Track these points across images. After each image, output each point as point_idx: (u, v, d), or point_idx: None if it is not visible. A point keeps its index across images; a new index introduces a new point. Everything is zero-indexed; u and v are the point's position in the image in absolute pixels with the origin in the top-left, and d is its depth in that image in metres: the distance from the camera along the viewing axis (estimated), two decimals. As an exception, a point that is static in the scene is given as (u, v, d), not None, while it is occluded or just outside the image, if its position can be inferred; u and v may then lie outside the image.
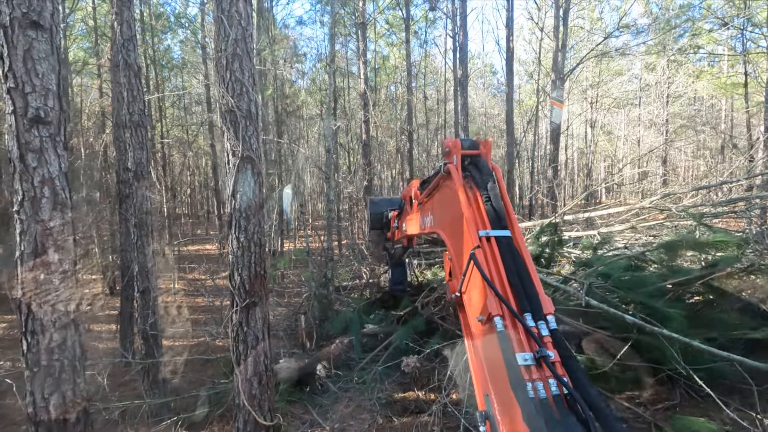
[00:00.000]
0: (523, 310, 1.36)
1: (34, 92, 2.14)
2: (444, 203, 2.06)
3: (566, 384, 1.15)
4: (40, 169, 2.16)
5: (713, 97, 20.49)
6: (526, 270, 1.48)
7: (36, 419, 2.18)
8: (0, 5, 2.10)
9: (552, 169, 12.24)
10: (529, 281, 1.44)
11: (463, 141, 1.89)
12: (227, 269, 3.26)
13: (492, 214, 1.66)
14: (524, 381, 1.18)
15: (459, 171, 1.83)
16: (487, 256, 1.52)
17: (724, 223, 6.24)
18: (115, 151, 6.65)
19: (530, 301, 1.38)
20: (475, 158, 1.88)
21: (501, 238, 1.57)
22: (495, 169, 1.82)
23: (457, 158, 1.86)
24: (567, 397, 1.16)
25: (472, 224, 1.61)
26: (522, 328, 1.30)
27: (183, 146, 18.81)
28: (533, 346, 1.26)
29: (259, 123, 3.20)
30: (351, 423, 3.82)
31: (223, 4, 2.93)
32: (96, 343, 6.56)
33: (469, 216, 1.65)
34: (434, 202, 2.30)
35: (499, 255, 1.52)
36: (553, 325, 1.33)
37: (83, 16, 13.56)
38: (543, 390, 1.17)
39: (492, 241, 1.56)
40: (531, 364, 1.22)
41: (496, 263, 1.50)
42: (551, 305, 1.39)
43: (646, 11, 16.94)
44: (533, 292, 1.41)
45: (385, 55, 18.15)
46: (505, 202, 1.69)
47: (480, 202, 1.71)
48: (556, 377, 1.17)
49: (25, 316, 2.16)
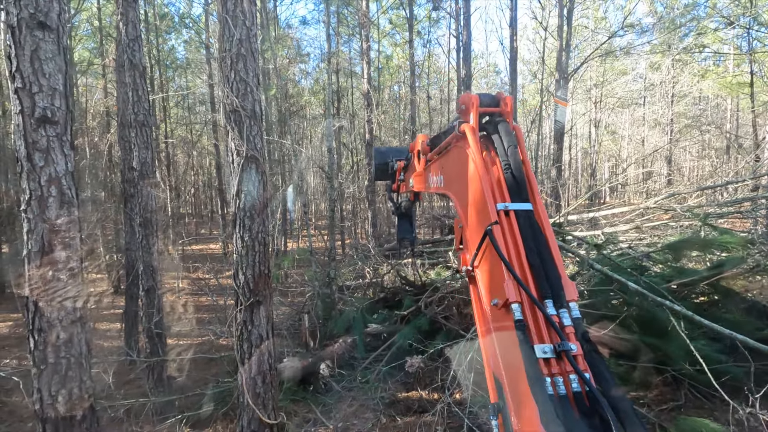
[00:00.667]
0: (543, 296, 1.23)
1: (41, 92, 2.16)
2: (457, 166, 1.82)
3: (588, 381, 1.06)
4: (47, 168, 2.18)
5: (718, 97, 20.35)
6: (549, 250, 1.33)
7: (43, 416, 2.20)
8: (7, 6, 2.12)
9: (556, 168, 12.20)
10: (551, 263, 1.30)
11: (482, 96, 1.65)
12: (231, 268, 3.28)
13: (512, 184, 1.47)
14: (542, 376, 1.07)
15: (476, 132, 1.61)
16: (505, 232, 1.37)
17: (730, 224, 6.21)
18: (120, 151, 6.69)
19: (552, 285, 1.25)
20: (495, 117, 1.65)
21: (521, 212, 1.41)
22: (516, 130, 1.59)
23: (474, 117, 1.62)
24: (588, 394, 1.06)
25: (489, 195, 1.44)
26: (542, 317, 1.19)
27: (187, 146, 18.89)
28: (554, 337, 1.15)
29: (263, 123, 3.21)
30: (354, 422, 3.83)
31: (227, 4, 2.94)
32: (101, 341, 6.60)
33: (487, 185, 1.46)
34: (445, 161, 2.05)
35: (519, 232, 1.37)
36: (576, 313, 1.21)
37: (88, 17, 13.62)
38: (563, 385, 1.08)
39: (511, 215, 1.40)
40: (551, 356, 1.12)
41: (515, 241, 1.35)
42: (575, 291, 1.25)
43: (651, 10, 16.85)
44: (555, 275, 1.27)
45: (388, 54, 18.16)
46: (527, 170, 1.50)
47: (499, 170, 1.53)
48: (578, 374, 1.07)
49: (32, 313, 2.18)
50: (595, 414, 1.02)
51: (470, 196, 1.59)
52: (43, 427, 2.20)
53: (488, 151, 1.61)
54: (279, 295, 7.51)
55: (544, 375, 1.08)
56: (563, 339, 1.12)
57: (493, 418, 1.24)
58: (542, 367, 1.10)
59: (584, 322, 1.37)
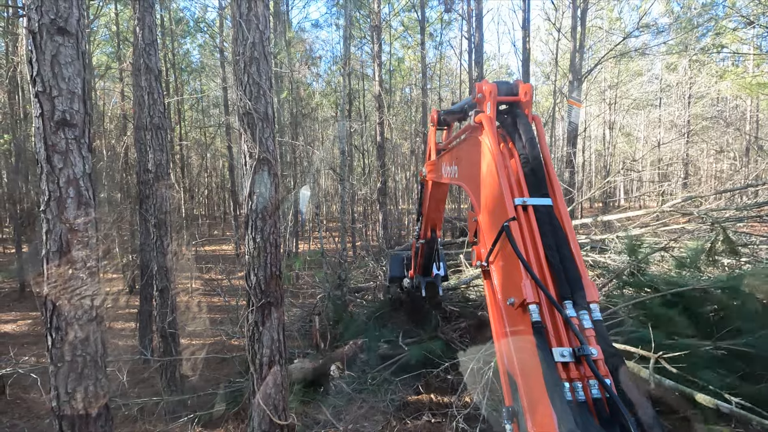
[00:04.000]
0: (563, 297, 1.18)
1: (61, 96, 2.20)
2: (472, 157, 1.75)
3: (609, 388, 1.01)
4: (65, 169, 2.23)
5: (737, 98, 19.90)
6: (569, 248, 1.27)
7: (60, 413, 2.24)
8: (29, 12, 2.18)
9: (569, 171, 12.06)
10: (571, 261, 1.24)
11: (500, 85, 1.58)
12: (243, 269, 3.30)
13: (531, 178, 1.42)
14: (560, 381, 1.02)
15: (493, 123, 1.54)
16: (523, 229, 1.32)
17: (749, 228, 6.06)
18: (136, 153, 6.81)
19: (572, 286, 1.19)
20: (513, 106, 1.58)
21: (540, 207, 1.35)
22: (536, 121, 1.54)
23: (491, 107, 1.55)
24: (609, 402, 1.01)
25: (506, 189, 1.38)
26: (561, 319, 1.14)
27: (201, 148, 19.15)
28: (573, 340, 1.10)
29: (275, 125, 3.24)
30: (364, 424, 3.82)
31: (241, 8, 2.98)
32: (116, 340, 6.71)
33: (504, 179, 1.40)
34: (459, 151, 1.99)
35: (537, 228, 1.31)
36: (596, 315, 1.15)
37: (106, 22, 13.92)
38: (581, 391, 1.03)
39: (529, 211, 1.35)
40: (569, 360, 1.07)
41: (533, 238, 1.30)
42: (596, 292, 1.20)
43: (667, 10, 16.58)
44: (576, 275, 1.21)
45: (400, 57, 18.19)
46: (547, 162, 1.45)
47: (517, 162, 1.47)
48: (599, 379, 1.02)
49: (50, 312, 2.23)
50: (615, 423, 0.98)
51: (486, 189, 1.52)
52: (60, 424, 2.25)
53: (506, 143, 1.55)
54: (290, 296, 7.55)
55: (562, 380, 1.03)
56: (583, 342, 1.07)
57: (507, 423, 1.20)
58: (560, 372, 1.05)
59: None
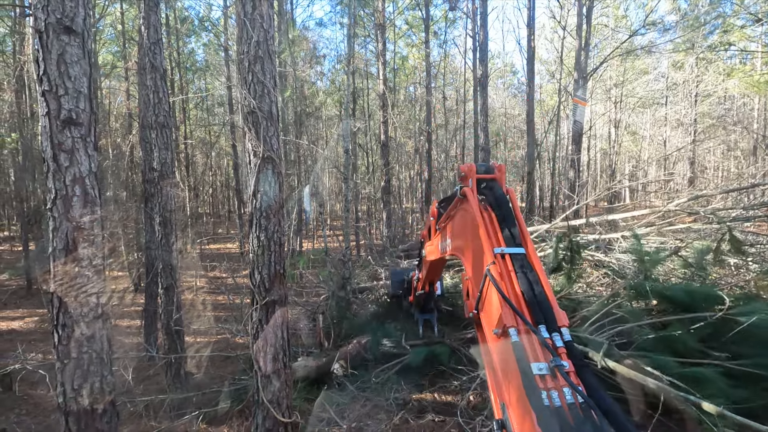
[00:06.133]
0: (537, 322, 1.41)
1: (67, 95, 2.22)
2: (461, 225, 2.20)
3: (580, 391, 1.18)
4: (71, 168, 2.25)
5: (745, 96, 19.69)
6: (540, 285, 1.54)
7: (66, 409, 2.26)
8: (36, 12, 2.19)
9: (573, 170, 12.00)
10: (543, 295, 1.50)
11: (479, 166, 2.05)
12: (248, 268, 3.32)
13: (506, 234, 1.76)
14: (539, 389, 1.21)
15: (475, 193, 1.97)
16: (502, 272, 1.61)
17: (757, 228, 6.00)
18: (141, 152, 6.84)
19: (545, 314, 1.44)
20: (490, 182, 2.02)
21: (516, 255, 1.66)
22: (509, 192, 1.96)
23: (472, 182, 2.00)
24: (582, 405, 1.18)
25: (487, 243, 1.71)
26: (537, 340, 1.35)
27: (206, 147, 19.25)
28: (548, 356, 1.30)
29: (279, 124, 3.25)
30: (368, 423, 3.83)
31: (246, 7, 2.98)
32: (121, 337, 6.76)
33: (484, 235, 1.76)
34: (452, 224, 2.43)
35: (514, 271, 1.60)
36: (567, 337, 1.38)
37: (112, 21, 14.01)
38: (558, 398, 1.20)
39: (507, 258, 1.65)
40: (546, 373, 1.26)
41: (510, 279, 1.59)
42: (566, 318, 1.45)
43: (674, 8, 16.44)
44: (547, 306, 1.46)
45: (404, 55, 18.14)
46: (519, 221, 1.81)
47: (495, 222, 1.83)
48: (570, 385, 1.20)
49: (56, 309, 2.25)
50: (587, 421, 1.14)
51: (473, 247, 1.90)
52: (66, 420, 2.27)
53: (486, 210, 1.94)
54: (294, 294, 7.58)
55: (540, 389, 1.22)
56: (555, 356, 1.28)
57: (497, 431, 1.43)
58: (539, 383, 1.24)
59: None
